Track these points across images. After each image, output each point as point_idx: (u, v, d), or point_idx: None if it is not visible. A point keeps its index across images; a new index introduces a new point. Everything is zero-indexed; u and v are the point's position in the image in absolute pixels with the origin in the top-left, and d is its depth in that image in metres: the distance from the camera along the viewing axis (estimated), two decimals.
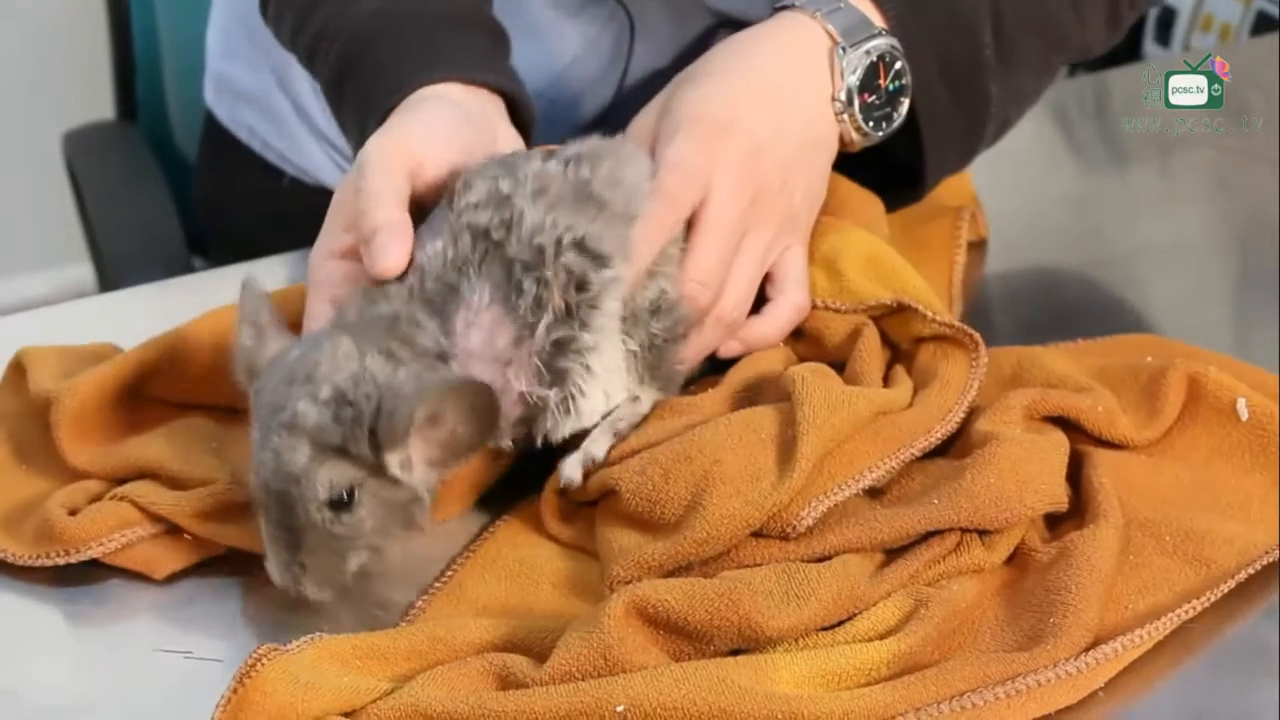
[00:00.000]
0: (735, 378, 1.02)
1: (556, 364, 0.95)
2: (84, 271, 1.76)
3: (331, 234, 0.98)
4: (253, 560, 0.95)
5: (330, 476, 0.89)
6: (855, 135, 1.07)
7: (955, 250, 1.18)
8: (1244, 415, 1.01)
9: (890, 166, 1.12)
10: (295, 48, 1.12)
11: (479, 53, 1.06)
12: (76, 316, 1.23)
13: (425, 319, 0.93)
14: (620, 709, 0.81)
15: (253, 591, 0.94)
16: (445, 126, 1.00)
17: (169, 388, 1.03)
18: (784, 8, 1.07)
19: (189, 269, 1.52)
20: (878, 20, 1.06)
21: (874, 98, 1.06)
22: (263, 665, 0.82)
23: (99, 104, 1.81)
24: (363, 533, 0.91)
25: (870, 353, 1.03)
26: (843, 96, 1.05)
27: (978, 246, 1.23)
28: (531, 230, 0.95)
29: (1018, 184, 1.21)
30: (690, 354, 1.01)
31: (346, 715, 0.83)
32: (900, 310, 1.04)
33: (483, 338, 0.94)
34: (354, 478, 0.90)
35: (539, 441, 0.98)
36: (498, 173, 0.97)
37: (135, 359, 1.02)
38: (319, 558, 0.90)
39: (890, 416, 0.98)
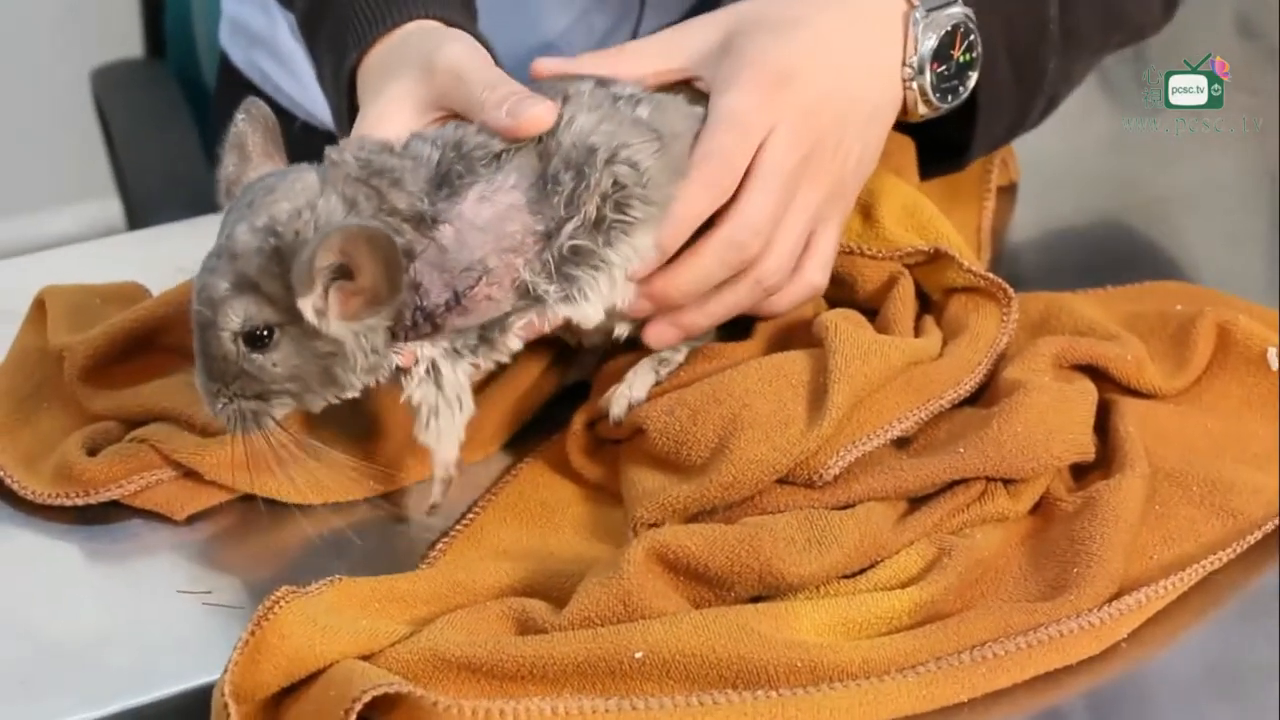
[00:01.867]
0: (766, 324, 1.00)
1: (567, 269, 0.93)
2: (113, 208, 1.75)
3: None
4: (275, 502, 0.95)
5: (247, 309, 0.88)
6: (920, 105, 1.03)
7: (985, 195, 1.17)
8: (1274, 364, 1.00)
9: (932, 136, 1.09)
10: None
11: (461, 2, 1.04)
12: (103, 254, 1.23)
13: (418, 180, 0.91)
14: (639, 655, 0.80)
15: (274, 532, 0.94)
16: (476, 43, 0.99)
17: (182, 338, 1.02)
18: None
19: (216, 208, 1.52)
20: None
21: (944, 68, 1.02)
22: (280, 608, 0.82)
23: (129, 41, 1.80)
24: (274, 377, 0.89)
25: (905, 301, 1.01)
26: (914, 63, 1.01)
27: (1008, 190, 1.22)
28: (585, 131, 0.93)
29: (1053, 126, 1.19)
30: (720, 310, 0.98)
31: (364, 658, 0.82)
32: (935, 259, 1.03)
33: (492, 215, 0.91)
34: (271, 318, 0.88)
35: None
36: (546, 88, 0.95)
37: (146, 312, 1.01)
38: (240, 390, 0.89)
39: (921, 367, 0.97)
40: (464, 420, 0.94)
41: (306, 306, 0.88)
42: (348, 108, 1.01)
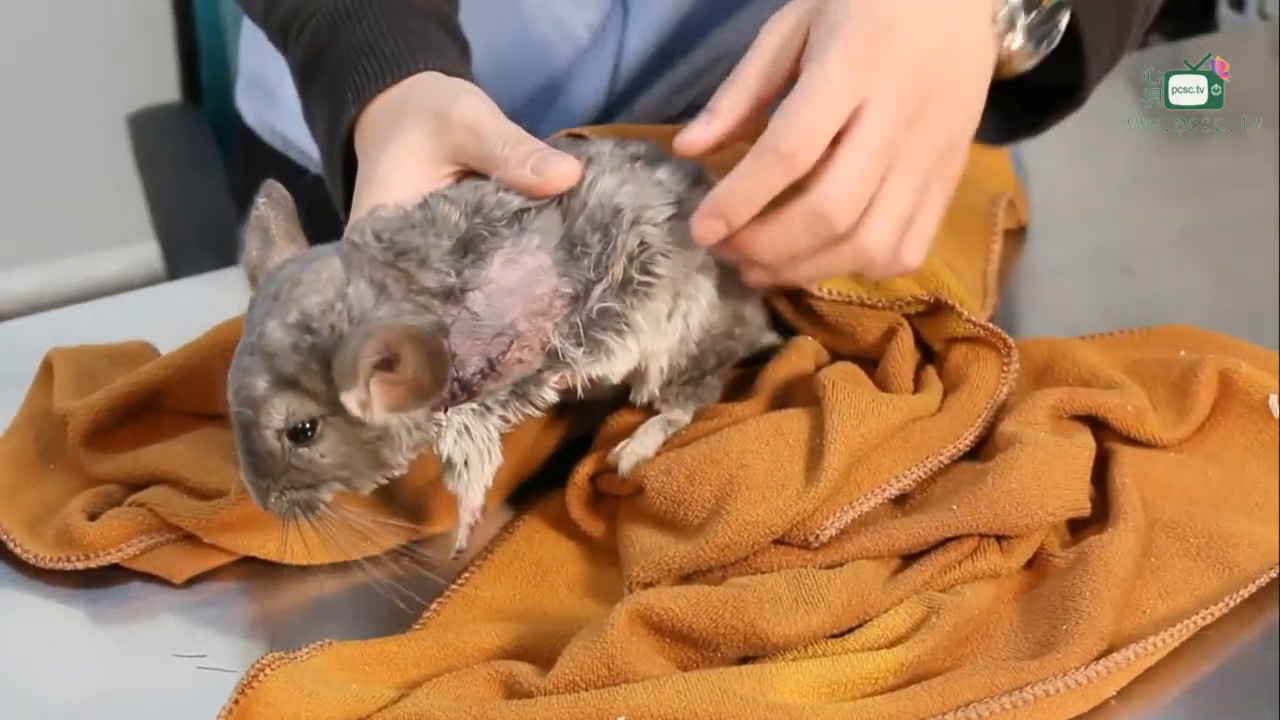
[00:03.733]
0: (768, 381, 1.00)
1: (594, 332, 0.93)
2: (152, 252, 1.78)
3: (384, 200, 0.94)
4: (274, 564, 0.96)
5: (289, 406, 0.87)
6: (1016, 58, 0.98)
7: (992, 239, 1.17)
8: (1276, 412, 0.99)
9: (1039, 83, 1.03)
10: (268, 22, 1.09)
11: (458, 51, 1.04)
12: (116, 310, 1.24)
13: (444, 255, 0.90)
14: (621, 719, 0.81)
15: (273, 594, 0.95)
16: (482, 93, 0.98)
17: (185, 401, 1.03)
18: None
19: None
20: None
21: (1035, 15, 0.98)
22: (266, 675, 0.83)
23: (165, 86, 1.83)
24: (322, 468, 0.89)
25: (904, 354, 1.01)
26: (1005, 15, 0.96)
27: (1017, 233, 1.21)
28: (609, 192, 0.93)
29: (1068, 161, 1.19)
30: (814, 273, 0.94)
31: None
32: (935, 309, 1.03)
33: (520, 277, 0.91)
34: (313, 411, 0.88)
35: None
36: (564, 146, 0.95)
37: (147, 376, 1.02)
38: (290, 483, 0.89)
39: (919, 423, 0.97)
40: (493, 469, 0.94)
41: (350, 400, 0.88)
42: (342, 158, 1.01)
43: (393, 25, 1.01)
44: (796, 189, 0.91)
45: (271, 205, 0.94)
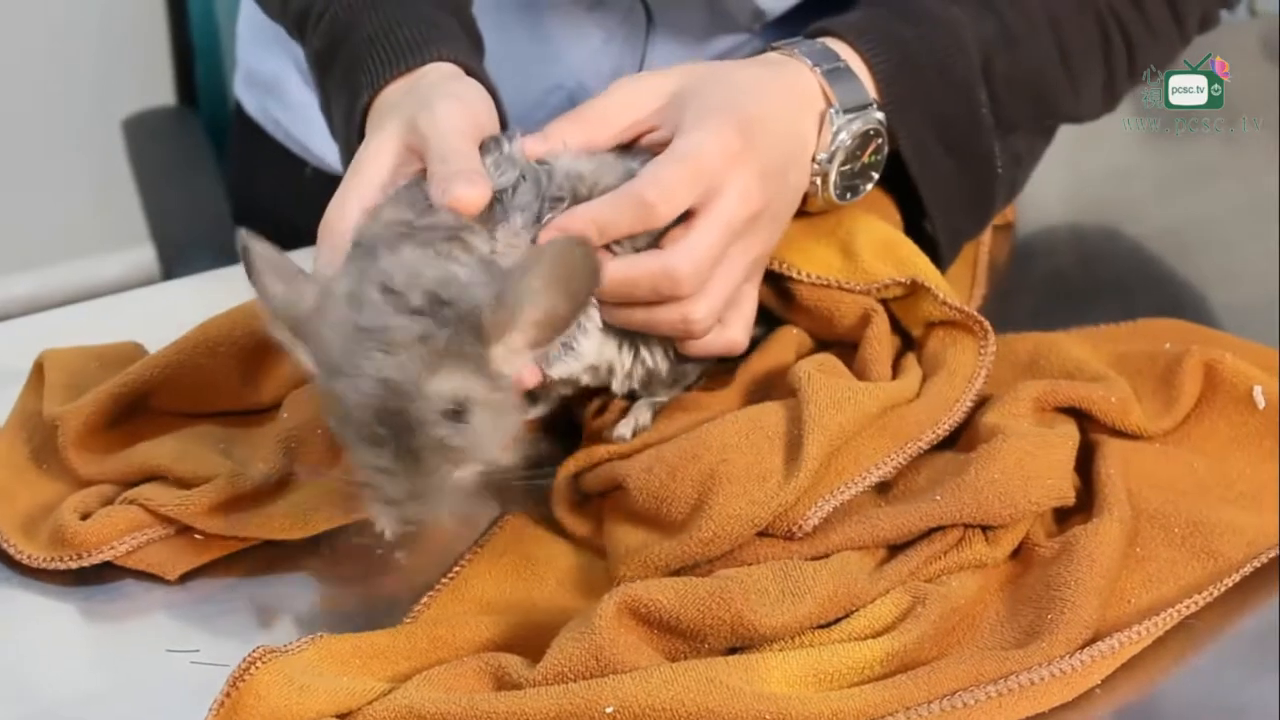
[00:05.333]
0: (746, 374, 1.01)
1: None
2: (149, 255, 1.78)
3: (360, 189, 0.95)
4: (267, 557, 0.97)
5: (445, 386, 0.86)
6: (819, 197, 1.04)
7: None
8: (1260, 403, 1.00)
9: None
10: (284, 15, 1.11)
11: (470, 42, 1.05)
12: (112, 311, 1.25)
13: (477, 226, 0.92)
14: (610, 710, 0.81)
15: (266, 590, 0.96)
16: (481, 93, 1.00)
17: (173, 400, 1.04)
18: (778, 48, 1.05)
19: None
20: (870, 87, 1.04)
21: (850, 167, 1.04)
22: (257, 668, 0.83)
23: (160, 90, 1.83)
24: (479, 443, 0.88)
25: (880, 340, 1.02)
26: (824, 157, 1.02)
27: (1005, 230, 1.22)
28: (568, 172, 0.95)
29: (1056, 156, 1.20)
30: (637, 322, 0.98)
31: (341, 717, 0.84)
32: (912, 292, 1.04)
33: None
34: (466, 386, 0.87)
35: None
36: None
37: (134, 376, 1.03)
38: (433, 481, 0.87)
39: (898, 410, 0.97)
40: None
41: (499, 354, 0.88)
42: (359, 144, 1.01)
43: (408, 14, 1.03)
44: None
45: (264, 243, 0.91)
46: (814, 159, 1.03)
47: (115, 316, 1.21)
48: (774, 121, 1.00)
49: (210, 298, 1.08)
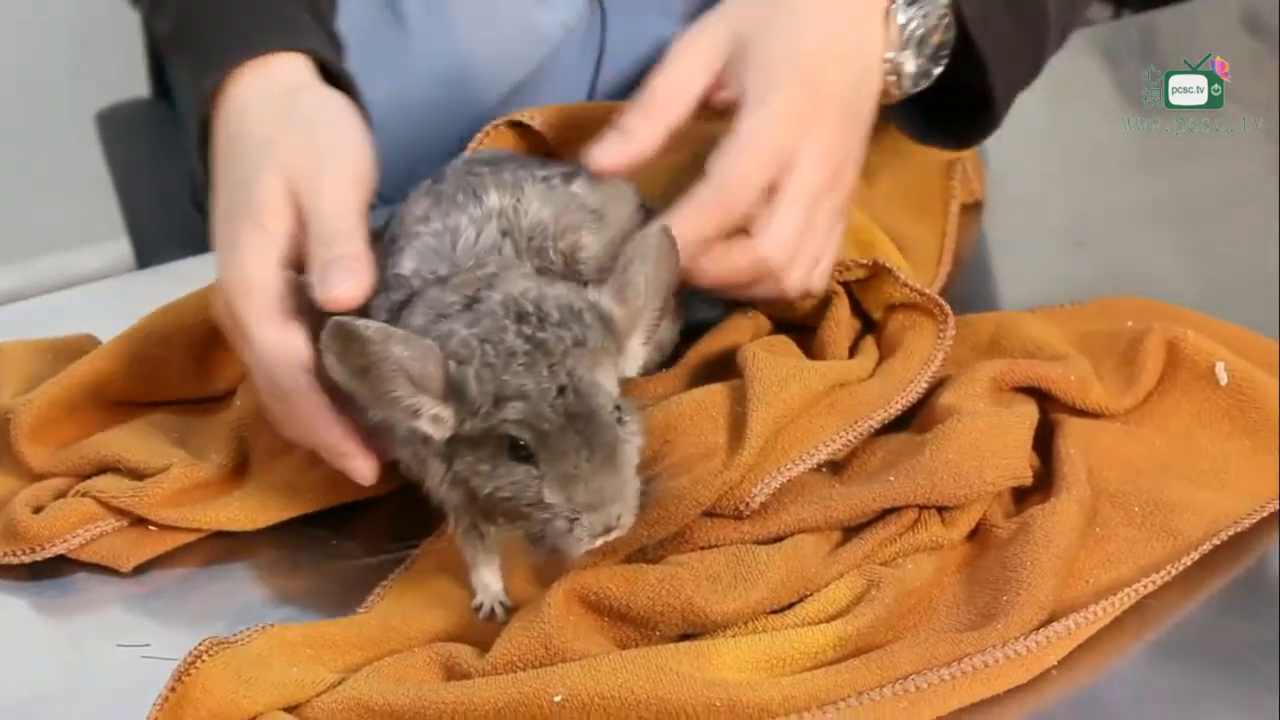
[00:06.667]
0: (696, 357, 1.01)
1: None
2: (125, 248, 1.78)
3: (273, 240, 0.93)
4: (224, 547, 0.96)
5: (608, 384, 0.86)
6: (895, 92, 1.03)
7: (948, 208, 1.17)
8: (1223, 380, 0.99)
9: (954, 93, 1.07)
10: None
11: (327, 38, 1.04)
12: (81, 301, 1.25)
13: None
14: (558, 699, 0.81)
15: (219, 584, 0.95)
16: (363, 138, 0.97)
17: (126, 390, 1.03)
18: None
19: None
20: None
21: (922, 57, 1.03)
22: (204, 661, 0.83)
23: (135, 82, 1.83)
24: (637, 430, 0.86)
25: (838, 322, 1.01)
26: (892, 55, 1.01)
27: (973, 208, 1.21)
28: (536, 220, 0.94)
29: (1024, 136, 1.19)
30: (739, 295, 1.00)
31: (291, 709, 0.83)
32: (875, 275, 1.03)
33: None
34: (615, 385, 0.87)
35: None
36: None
37: (86, 367, 1.03)
38: (629, 480, 0.85)
39: (849, 388, 0.97)
40: None
41: (635, 344, 0.89)
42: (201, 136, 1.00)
43: (262, 4, 1.02)
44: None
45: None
46: (884, 58, 1.01)
47: (77, 309, 1.21)
48: (838, 43, 0.98)
49: (186, 286, 1.07)
